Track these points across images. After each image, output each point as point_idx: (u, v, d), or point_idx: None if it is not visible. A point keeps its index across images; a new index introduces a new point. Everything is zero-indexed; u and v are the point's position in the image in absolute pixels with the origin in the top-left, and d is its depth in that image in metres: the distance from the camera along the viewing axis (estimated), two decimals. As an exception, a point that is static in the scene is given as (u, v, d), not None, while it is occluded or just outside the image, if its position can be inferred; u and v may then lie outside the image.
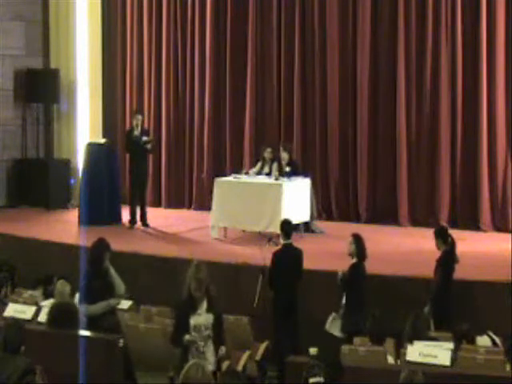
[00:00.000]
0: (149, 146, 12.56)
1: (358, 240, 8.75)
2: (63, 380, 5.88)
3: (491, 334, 7.51)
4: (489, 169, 12.28)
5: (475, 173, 12.36)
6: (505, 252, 10.24)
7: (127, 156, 12.97)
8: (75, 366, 5.86)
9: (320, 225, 12.29)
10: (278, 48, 13.59)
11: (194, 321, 6.69)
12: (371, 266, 8.89)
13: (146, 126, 14.09)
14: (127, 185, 13.10)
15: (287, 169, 11.95)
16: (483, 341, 7.37)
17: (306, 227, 11.83)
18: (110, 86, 15.03)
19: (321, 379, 5.36)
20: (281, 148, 12.24)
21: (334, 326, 8.64)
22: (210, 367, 6.44)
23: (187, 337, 6.62)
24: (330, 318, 8.68)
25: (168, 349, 7.15)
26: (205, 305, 6.73)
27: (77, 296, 8.08)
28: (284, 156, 12.09)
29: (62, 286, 8.12)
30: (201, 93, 14.20)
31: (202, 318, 6.68)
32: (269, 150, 12.28)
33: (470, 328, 7.40)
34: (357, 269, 8.68)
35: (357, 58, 13.03)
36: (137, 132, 12.50)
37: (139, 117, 12.63)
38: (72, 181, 14.46)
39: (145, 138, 12.45)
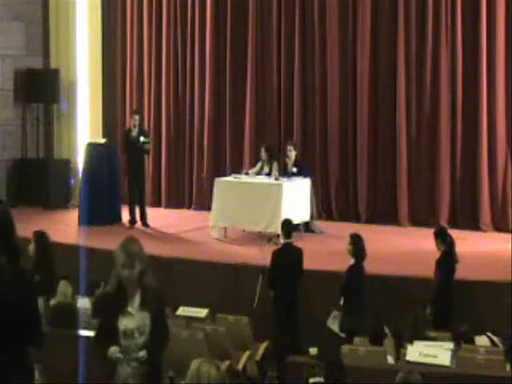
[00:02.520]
0: (146, 147, 12.55)
1: (356, 240, 8.75)
2: (63, 380, 5.87)
3: (490, 334, 7.50)
4: (489, 169, 12.29)
5: (475, 173, 12.36)
6: (505, 252, 10.23)
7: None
8: (75, 365, 5.85)
9: (320, 225, 12.29)
10: (277, 48, 13.60)
11: (122, 324, 4.92)
12: (371, 266, 8.89)
13: (146, 125, 14.13)
14: (127, 185, 13.10)
15: (294, 169, 11.96)
16: (482, 341, 7.36)
17: (306, 227, 11.83)
18: (110, 86, 15.03)
19: (321, 379, 5.37)
20: (288, 147, 12.25)
21: (335, 323, 8.63)
22: None
23: (112, 350, 4.85)
24: (332, 316, 8.67)
25: (168, 348, 7.13)
26: (137, 299, 4.95)
27: (78, 296, 8.09)
28: (291, 156, 12.10)
29: (64, 286, 8.11)
30: (201, 93, 14.21)
31: (134, 319, 4.92)
32: (262, 149, 12.29)
33: (468, 329, 7.39)
34: (355, 271, 8.66)
35: (357, 58, 13.04)
36: (134, 132, 12.50)
37: (137, 117, 12.62)
38: (72, 181, 14.46)
39: (142, 139, 12.45)
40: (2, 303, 3.92)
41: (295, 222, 10.23)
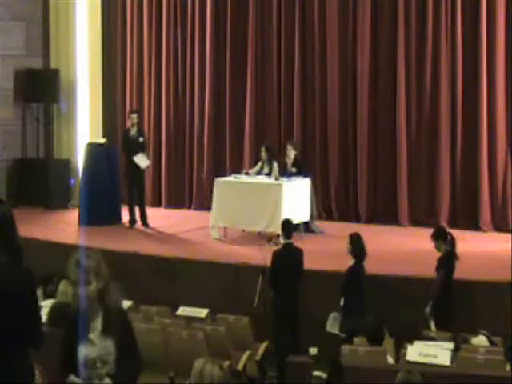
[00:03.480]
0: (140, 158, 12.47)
1: (356, 239, 8.74)
2: (63, 380, 5.88)
3: (485, 332, 7.49)
4: (489, 169, 12.28)
5: (475, 173, 12.36)
6: (505, 252, 10.23)
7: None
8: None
9: (320, 225, 12.29)
10: (277, 48, 13.60)
11: (82, 352, 4.18)
12: (371, 266, 8.88)
13: (146, 125, 14.14)
14: (127, 185, 13.08)
15: (293, 169, 11.95)
16: (479, 341, 7.35)
17: (306, 227, 11.83)
18: (110, 86, 15.03)
19: (324, 375, 5.40)
20: (287, 147, 12.25)
21: (335, 325, 8.63)
22: None
23: (71, 379, 4.18)
24: (331, 318, 8.67)
25: (168, 349, 7.14)
26: (99, 324, 4.21)
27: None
28: (290, 155, 12.10)
29: (64, 286, 8.09)
30: (201, 93, 14.21)
31: (96, 347, 4.19)
32: (262, 149, 12.29)
33: (468, 338, 7.39)
34: (355, 271, 8.65)
35: (357, 58, 13.04)
36: (133, 131, 12.50)
37: (134, 116, 12.59)
38: (72, 181, 14.46)
39: (141, 139, 12.45)
40: (2, 303, 3.92)
41: (295, 222, 10.21)
